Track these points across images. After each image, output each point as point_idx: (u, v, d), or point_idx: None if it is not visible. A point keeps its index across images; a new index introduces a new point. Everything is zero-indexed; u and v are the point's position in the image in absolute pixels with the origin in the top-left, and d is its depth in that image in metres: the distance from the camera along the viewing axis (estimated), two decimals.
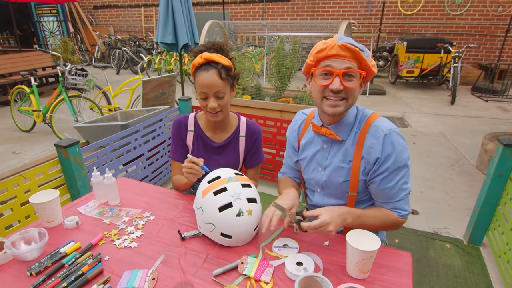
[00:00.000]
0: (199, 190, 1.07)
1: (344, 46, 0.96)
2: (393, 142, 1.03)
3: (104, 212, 1.24)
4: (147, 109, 3.14)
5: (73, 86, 3.97)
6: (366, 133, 1.07)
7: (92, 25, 11.91)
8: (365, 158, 1.07)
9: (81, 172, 1.87)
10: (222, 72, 1.21)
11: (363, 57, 0.97)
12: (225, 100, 1.26)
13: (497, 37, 8.19)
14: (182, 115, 1.45)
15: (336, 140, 1.12)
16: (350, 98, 1.03)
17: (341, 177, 1.12)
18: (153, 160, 2.76)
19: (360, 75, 1.00)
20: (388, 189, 1.07)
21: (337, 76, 0.98)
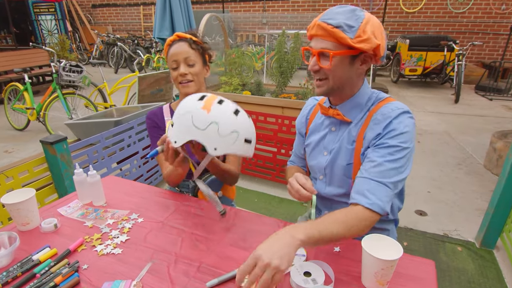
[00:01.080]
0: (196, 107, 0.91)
1: (319, 25, 0.90)
2: (402, 122, 0.91)
3: (87, 214, 1.12)
4: (143, 106, 3.01)
5: (67, 83, 3.85)
6: (374, 112, 0.97)
7: (91, 24, 11.80)
8: (367, 135, 0.96)
9: (69, 171, 1.75)
10: (192, 44, 1.25)
11: (340, 35, 0.87)
12: (196, 69, 1.25)
13: (500, 36, 8.06)
14: (154, 108, 1.39)
15: (344, 122, 1.04)
16: (331, 79, 0.95)
17: (345, 159, 1.02)
18: (148, 159, 2.64)
19: (336, 54, 0.90)
20: (374, 163, 0.90)
21: (314, 56, 0.95)
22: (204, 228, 1.03)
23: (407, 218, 2.47)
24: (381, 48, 0.90)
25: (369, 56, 0.93)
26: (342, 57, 0.91)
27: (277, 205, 2.59)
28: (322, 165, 1.09)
